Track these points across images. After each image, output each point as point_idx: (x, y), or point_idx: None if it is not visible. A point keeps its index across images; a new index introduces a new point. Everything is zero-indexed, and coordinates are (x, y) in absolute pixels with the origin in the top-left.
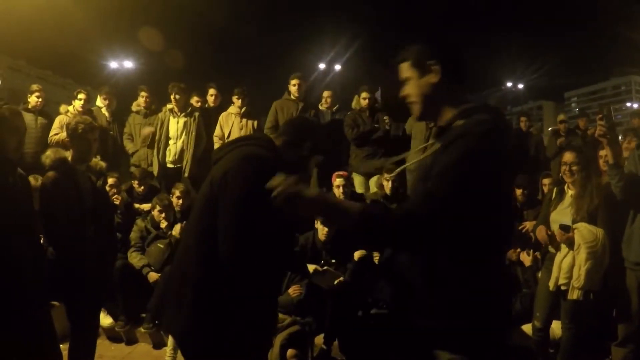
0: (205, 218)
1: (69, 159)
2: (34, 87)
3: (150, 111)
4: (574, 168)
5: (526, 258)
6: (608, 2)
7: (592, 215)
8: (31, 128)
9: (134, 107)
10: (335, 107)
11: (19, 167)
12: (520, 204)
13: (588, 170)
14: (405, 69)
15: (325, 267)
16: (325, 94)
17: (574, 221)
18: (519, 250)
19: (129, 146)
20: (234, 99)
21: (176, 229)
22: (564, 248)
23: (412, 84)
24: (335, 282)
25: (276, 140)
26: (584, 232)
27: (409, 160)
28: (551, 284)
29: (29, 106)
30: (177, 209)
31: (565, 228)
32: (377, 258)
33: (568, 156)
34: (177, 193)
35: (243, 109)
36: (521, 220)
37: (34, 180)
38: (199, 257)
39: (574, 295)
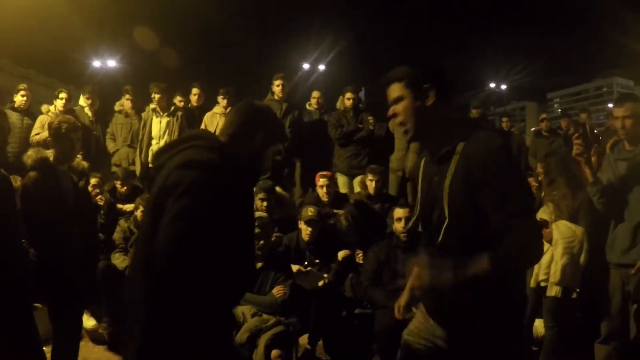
0: (148, 245)
1: (51, 158)
2: (21, 86)
3: (135, 110)
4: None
5: None
6: (592, 4)
7: (573, 214)
8: (16, 128)
9: (117, 107)
10: (323, 108)
11: (1, 167)
12: None
13: (566, 173)
14: (398, 89)
15: (308, 268)
16: (315, 94)
17: (557, 218)
18: None
19: (111, 146)
20: (219, 99)
21: None
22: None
23: (405, 105)
24: (320, 283)
25: (222, 136)
26: (562, 228)
27: (394, 160)
28: (532, 281)
29: (15, 105)
30: None
31: (543, 223)
32: (360, 256)
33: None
34: None
35: (228, 109)
36: None
37: (14, 182)
38: (146, 279)
39: (552, 291)
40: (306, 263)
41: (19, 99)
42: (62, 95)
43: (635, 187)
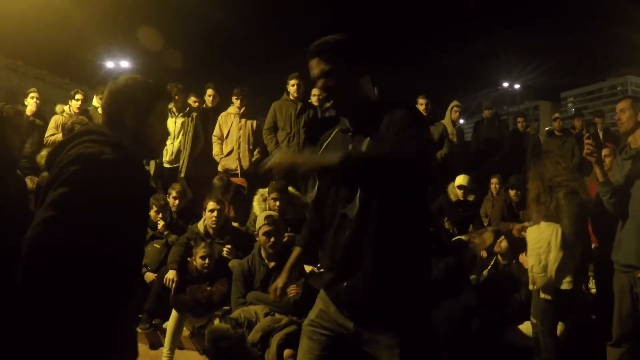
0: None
1: None
2: (31, 90)
3: None
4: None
5: (525, 259)
6: (605, 3)
7: (550, 214)
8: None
9: None
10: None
11: (17, 168)
12: (515, 205)
13: (540, 176)
14: (318, 64)
15: (322, 270)
16: (315, 91)
17: (535, 222)
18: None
19: None
20: (233, 99)
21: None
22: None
23: (326, 80)
24: None
25: (103, 127)
26: (531, 234)
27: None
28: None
29: (26, 110)
30: (173, 209)
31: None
32: None
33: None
34: (174, 193)
35: (242, 109)
36: (516, 220)
37: (30, 183)
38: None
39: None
40: (319, 265)
41: (30, 102)
42: (78, 96)
43: None
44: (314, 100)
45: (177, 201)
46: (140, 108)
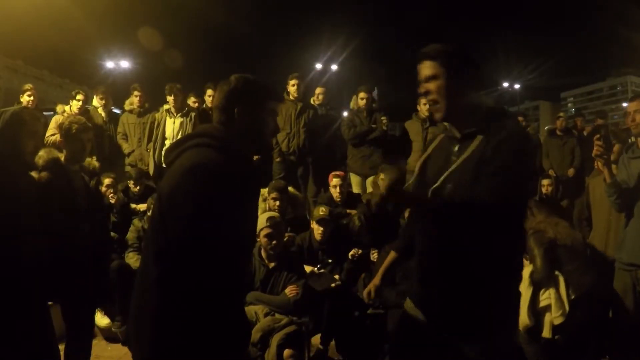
0: (159, 238)
1: (62, 159)
2: (27, 86)
3: (143, 110)
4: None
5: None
6: (605, 3)
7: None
8: None
9: (127, 106)
10: (329, 105)
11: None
12: None
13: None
14: (433, 67)
15: (322, 271)
16: (318, 90)
17: None
18: None
19: (125, 146)
20: None
21: None
22: None
23: (439, 84)
24: (333, 285)
25: (216, 127)
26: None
27: (411, 161)
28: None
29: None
30: None
31: None
32: (375, 255)
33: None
34: None
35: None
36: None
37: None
38: (156, 283)
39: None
40: (319, 266)
41: (25, 99)
42: (80, 96)
43: None
44: (315, 99)
45: None
46: (249, 105)
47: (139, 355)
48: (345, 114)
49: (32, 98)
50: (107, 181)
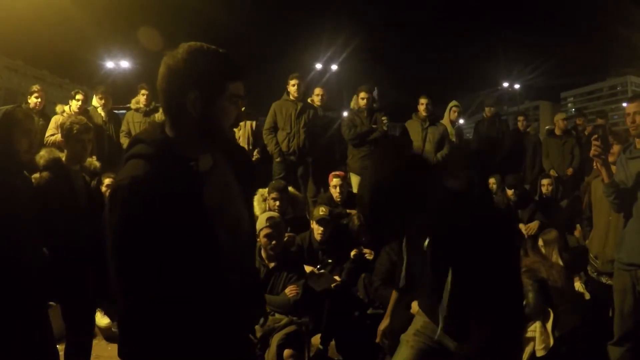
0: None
1: (63, 159)
2: (34, 87)
3: (150, 109)
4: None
5: None
6: (605, 3)
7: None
8: None
9: (133, 105)
10: (325, 105)
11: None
12: (513, 204)
13: None
14: None
15: (322, 271)
16: (317, 90)
17: None
18: None
19: (126, 143)
20: None
21: None
22: None
23: None
24: (333, 285)
25: (157, 125)
26: None
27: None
28: None
29: (29, 107)
30: None
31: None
32: (371, 256)
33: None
34: None
35: (242, 109)
36: (515, 220)
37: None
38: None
39: None
40: (319, 267)
41: (33, 100)
42: (79, 96)
43: None
44: (316, 100)
45: None
46: (206, 88)
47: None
48: (345, 114)
49: (39, 100)
50: (107, 181)
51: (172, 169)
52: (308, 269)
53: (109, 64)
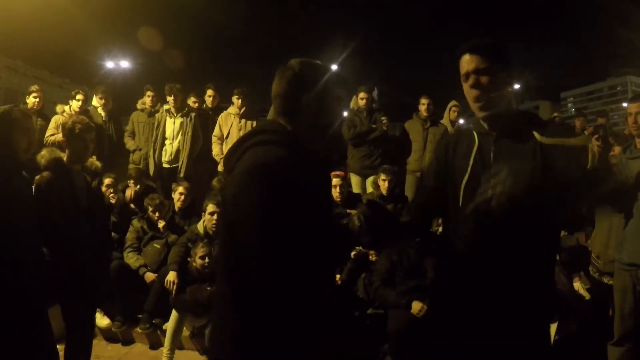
0: (229, 252)
1: (65, 159)
2: (32, 88)
3: (154, 110)
4: None
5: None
6: (605, 3)
7: None
8: None
9: (139, 105)
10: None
11: (22, 168)
12: None
13: None
14: (484, 61)
15: None
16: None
17: None
18: None
19: (130, 143)
20: (234, 99)
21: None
22: None
23: (489, 78)
24: None
25: (278, 120)
26: None
27: (412, 161)
28: None
29: (28, 107)
30: (178, 204)
31: None
32: (373, 256)
33: None
34: (181, 189)
35: (242, 110)
36: None
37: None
38: (233, 301)
39: None
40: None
41: (31, 100)
42: (79, 96)
43: None
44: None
45: (182, 197)
46: (318, 93)
47: None
48: (345, 114)
49: (38, 100)
50: (107, 181)
51: (305, 154)
52: None
53: (109, 64)
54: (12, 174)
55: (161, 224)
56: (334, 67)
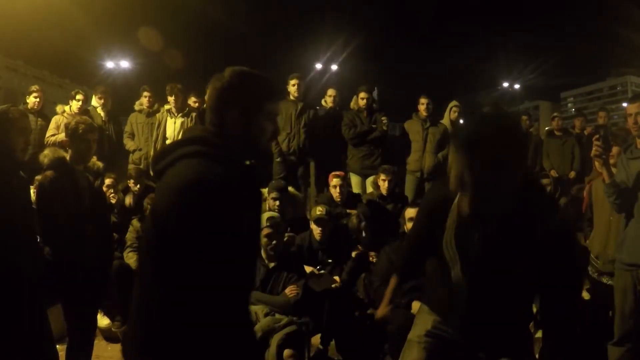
0: (155, 254)
1: (67, 158)
2: (33, 87)
3: (152, 110)
4: None
5: None
6: (605, 3)
7: None
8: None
9: (137, 106)
10: (339, 106)
11: (20, 168)
12: None
13: None
14: None
15: (322, 272)
16: (330, 92)
17: None
18: None
19: (130, 144)
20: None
21: None
22: None
23: None
24: (333, 286)
25: (209, 130)
26: None
27: (411, 161)
28: None
29: (28, 107)
30: None
31: None
32: (373, 257)
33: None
34: None
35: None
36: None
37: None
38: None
39: None
40: (319, 267)
41: (32, 100)
42: (79, 96)
43: None
44: (329, 101)
45: None
46: (246, 108)
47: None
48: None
49: (38, 99)
50: (107, 181)
51: (235, 171)
52: (308, 269)
53: (109, 64)
54: (10, 173)
55: None
56: (334, 67)
